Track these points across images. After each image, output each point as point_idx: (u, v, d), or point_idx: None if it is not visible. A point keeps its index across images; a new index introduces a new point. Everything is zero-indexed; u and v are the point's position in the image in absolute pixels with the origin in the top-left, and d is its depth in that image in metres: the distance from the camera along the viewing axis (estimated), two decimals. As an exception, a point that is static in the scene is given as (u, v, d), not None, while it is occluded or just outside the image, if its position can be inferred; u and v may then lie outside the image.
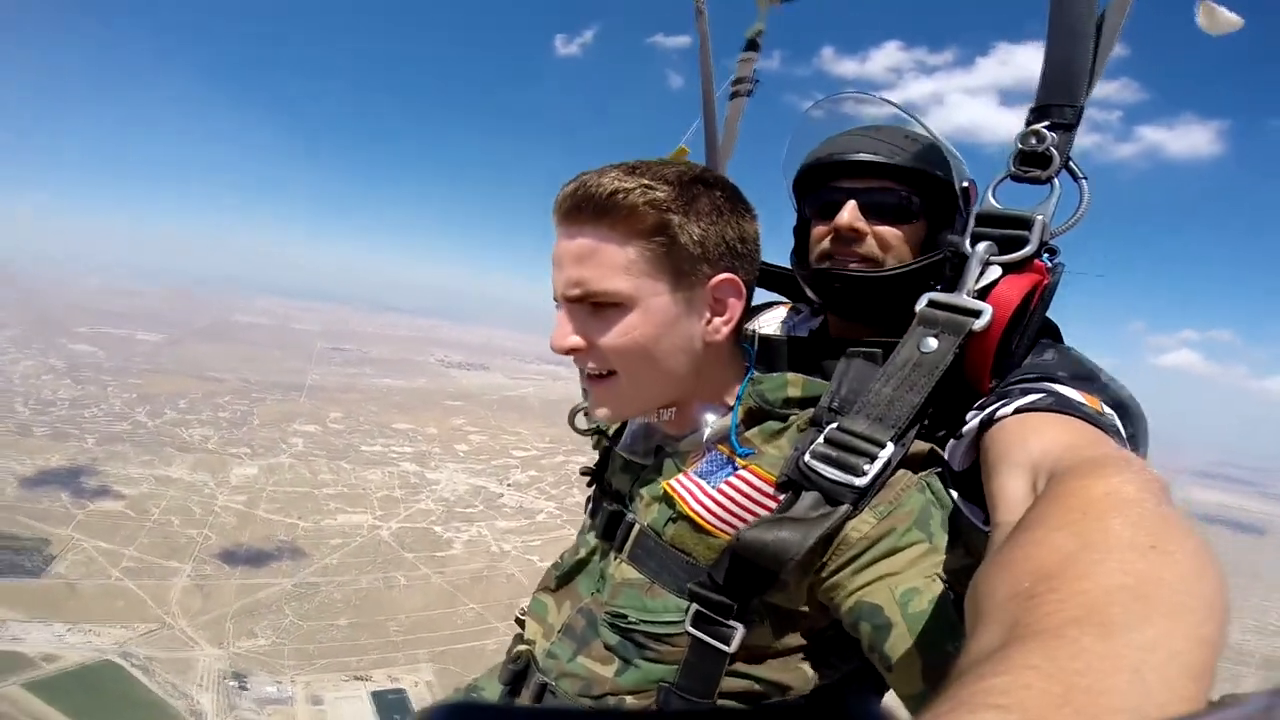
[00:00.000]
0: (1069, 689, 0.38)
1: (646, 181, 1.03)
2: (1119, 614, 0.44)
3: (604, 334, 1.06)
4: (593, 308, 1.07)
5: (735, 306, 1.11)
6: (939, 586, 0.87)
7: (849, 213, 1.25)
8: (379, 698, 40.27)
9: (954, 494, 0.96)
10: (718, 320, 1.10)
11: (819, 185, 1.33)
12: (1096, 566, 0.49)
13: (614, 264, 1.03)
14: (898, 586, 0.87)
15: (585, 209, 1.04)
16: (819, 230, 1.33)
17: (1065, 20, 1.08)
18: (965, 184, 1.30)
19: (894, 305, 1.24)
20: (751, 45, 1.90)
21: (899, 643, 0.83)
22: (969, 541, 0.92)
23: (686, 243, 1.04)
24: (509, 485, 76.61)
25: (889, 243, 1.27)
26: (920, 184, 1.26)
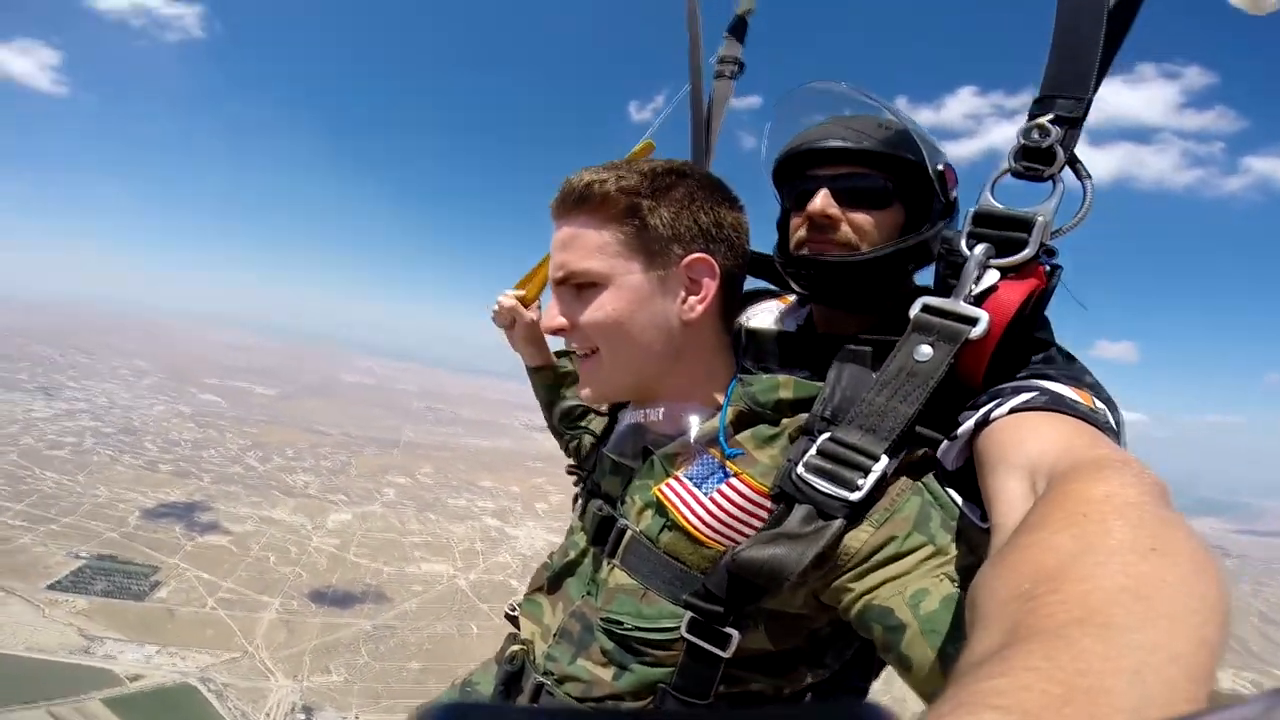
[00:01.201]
0: (1069, 690, 0.37)
1: (620, 173, 1.07)
2: (1120, 615, 0.43)
3: (585, 312, 1.09)
4: (576, 290, 1.10)
5: (710, 286, 1.09)
6: (949, 586, 0.85)
7: (820, 200, 1.23)
8: (438, 743, 39.24)
9: (954, 494, 0.94)
10: (693, 299, 1.10)
11: (794, 176, 1.30)
12: (1097, 568, 0.48)
13: (590, 246, 1.07)
14: (907, 588, 0.86)
15: (568, 201, 1.09)
16: (796, 220, 1.29)
17: (1074, 5, 1.02)
18: (940, 168, 1.25)
19: (875, 291, 1.24)
20: (740, 24, 1.85)
21: (915, 643, 0.82)
22: (970, 539, 0.90)
23: (656, 224, 1.06)
24: (585, 544, 75.12)
25: (864, 229, 1.23)
26: (893, 169, 1.23)
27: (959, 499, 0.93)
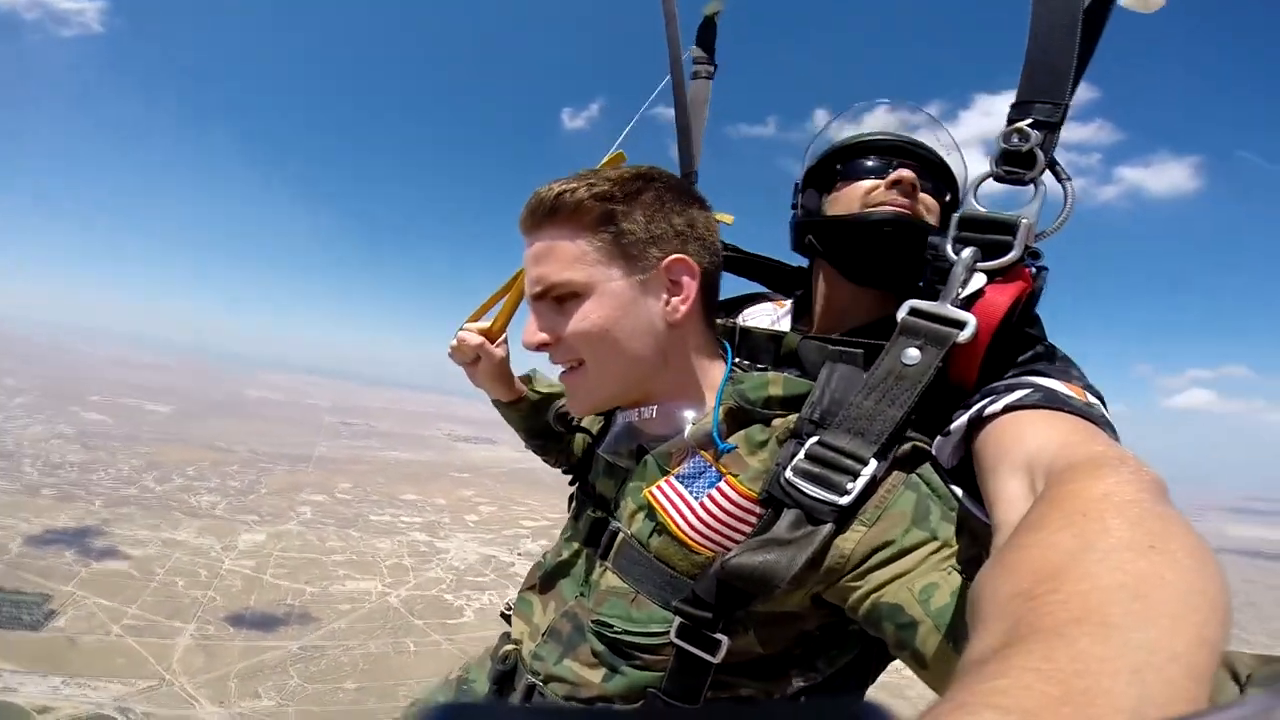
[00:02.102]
0: (1068, 689, 0.37)
1: (590, 180, 1.08)
2: (1119, 614, 0.43)
3: (567, 324, 1.08)
4: (556, 302, 1.10)
5: (690, 285, 1.10)
6: (957, 578, 0.84)
7: (909, 170, 1.29)
8: (389, 764, 37.07)
9: (957, 490, 0.93)
10: (675, 300, 1.10)
11: (859, 157, 1.37)
12: (1097, 567, 0.48)
13: (567, 257, 1.07)
14: (915, 583, 0.85)
15: (539, 213, 1.09)
16: (865, 184, 1.32)
17: (1050, 12, 1.03)
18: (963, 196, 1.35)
19: (916, 269, 1.28)
20: (708, 26, 1.90)
21: (929, 638, 0.81)
22: (973, 531, 0.89)
23: (632, 229, 1.07)
24: (520, 554, 74.37)
25: (931, 210, 1.30)
26: (944, 181, 1.34)
27: (960, 493, 0.91)
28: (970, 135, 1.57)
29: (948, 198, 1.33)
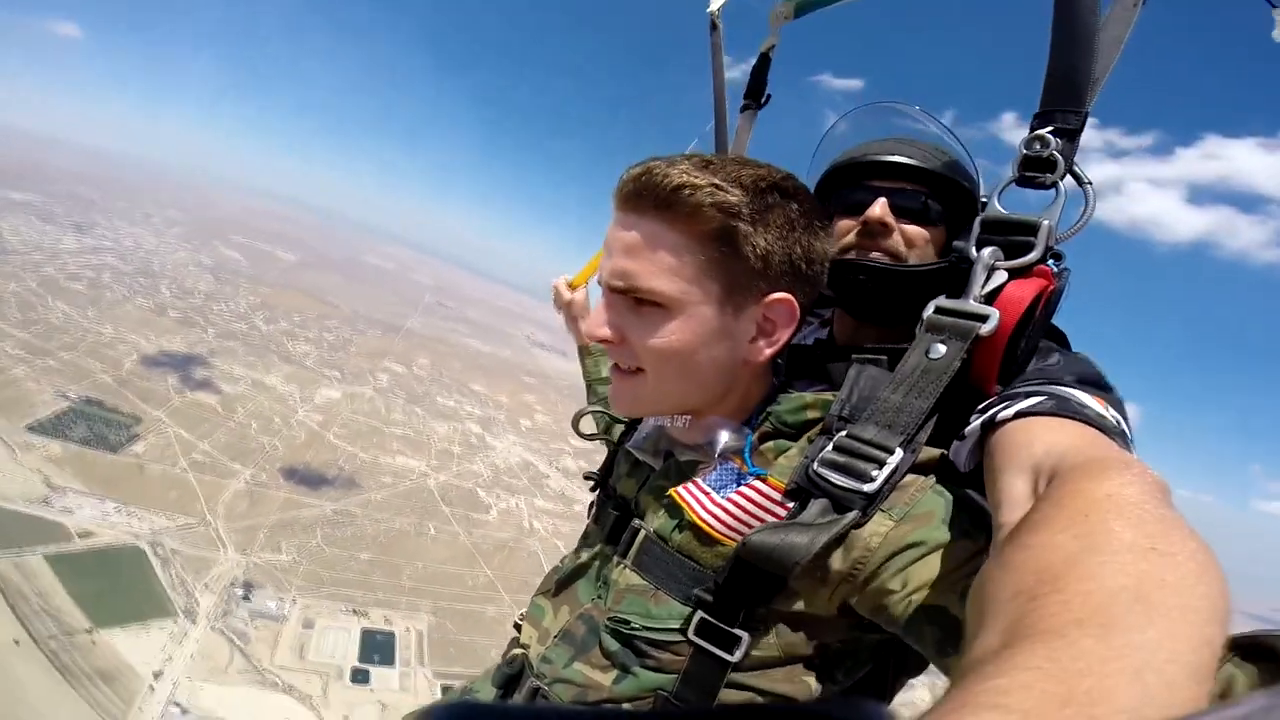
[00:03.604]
0: (1070, 690, 0.37)
1: (718, 181, 0.92)
2: (1121, 615, 0.43)
3: (640, 332, 0.98)
4: (634, 302, 0.98)
5: (784, 333, 1.01)
6: None
7: (880, 207, 1.23)
8: (367, 636, 40.14)
9: (975, 496, 0.92)
10: (763, 342, 1.01)
11: (850, 183, 1.31)
12: (1099, 568, 0.48)
13: (665, 263, 0.94)
14: (957, 586, 0.81)
15: (646, 198, 0.94)
16: (845, 224, 1.28)
17: (1070, 27, 1.05)
18: (985, 199, 1.26)
19: (908, 306, 1.19)
20: (764, 59, 1.89)
21: None
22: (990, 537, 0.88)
23: (748, 254, 0.94)
24: (558, 469, 76.16)
25: (914, 241, 1.24)
26: (947, 192, 1.25)
27: (980, 499, 0.90)
28: (1176, 176, 1.19)
29: (947, 206, 1.25)
